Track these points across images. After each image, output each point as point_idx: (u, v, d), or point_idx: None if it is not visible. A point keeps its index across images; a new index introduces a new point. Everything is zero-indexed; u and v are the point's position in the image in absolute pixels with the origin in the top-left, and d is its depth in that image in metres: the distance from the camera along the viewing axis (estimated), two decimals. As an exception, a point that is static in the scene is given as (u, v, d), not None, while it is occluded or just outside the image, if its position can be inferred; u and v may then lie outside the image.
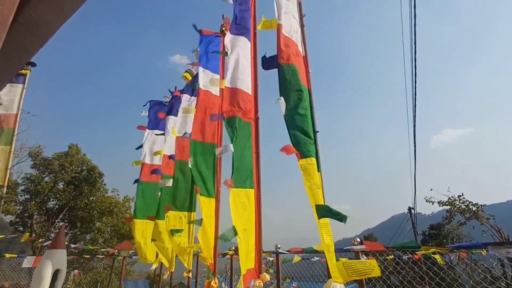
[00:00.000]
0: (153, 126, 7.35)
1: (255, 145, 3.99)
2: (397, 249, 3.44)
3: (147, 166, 6.98)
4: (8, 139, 7.95)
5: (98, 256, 9.76)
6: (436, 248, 2.75)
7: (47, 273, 6.95)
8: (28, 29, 2.73)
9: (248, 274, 3.39)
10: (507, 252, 1.93)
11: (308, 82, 3.30)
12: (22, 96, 8.42)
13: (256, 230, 3.63)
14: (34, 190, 14.66)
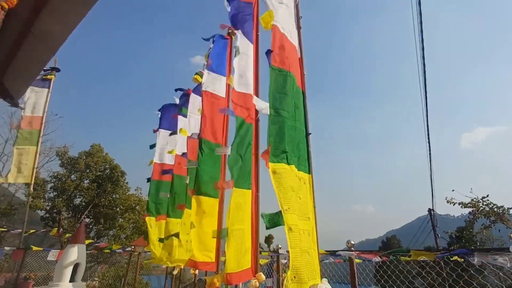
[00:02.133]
0: (165, 126, 7.59)
1: (254, 146, 4.04)
2: (389, 254, 3.37)
3: (158, 166, 7.23)
4: (35, 140, 8.53)
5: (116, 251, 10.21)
6: (424, 254, 2.67)
7: (68, 266, 7.35)
8: (40, 40, 2.93)
9: (245, 274, 3.45)
10: (493, 259, 1.85)
11: (302, 84, 3.30)
12: (47, 99, 8.99)
13: (253, 231, 3.68)
14: (61, 188, 15.57)
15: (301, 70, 3.36)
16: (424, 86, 6.73)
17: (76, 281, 7.12)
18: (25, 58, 4.02)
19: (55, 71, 9.22)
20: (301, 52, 3.45)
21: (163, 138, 7.55)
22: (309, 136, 3.05)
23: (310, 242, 2.62)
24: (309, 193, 2.85)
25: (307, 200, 2.78)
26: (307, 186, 2.84)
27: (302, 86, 3.28)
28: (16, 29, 3.52)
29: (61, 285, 6.74)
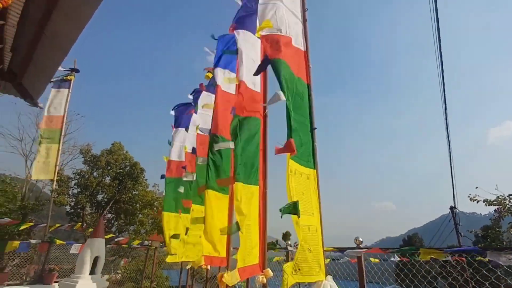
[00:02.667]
0: (179, 124, 7.69)
1: (262, 142, 4.01)
2: (398, 252, 3.25)
3: (171, 162, 7.36)
4: (57, 138, 8.91)
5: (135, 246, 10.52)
6: (434, 252, 2.55)
7: (88, 259, 7.65)
8: (53, 41, 3.05)
9: (252, 270, 3.45)
10: (508, 259, 1.72)
11: (308, 77, 3.23)
12: (67, 99, 9.35)
13: (261, 226, 3.66)
14: (84, 184, 16.24)
15: (306, 63, 3.29)
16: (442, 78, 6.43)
17: (96, 274, 7.41)
18: (41, 59, 4.21)
19: (74, 71, 9.57)
20: (306, 45, 3.38)
21: (177, 135, 7.66)
22: (314, 131, 2.99)
23: (315, 238, 2.57)
24: (314, 188, 2.80)
25: (310, 196, 2.73)
26: (311, 182, 2.79)
27: (307, 79, 3.21)
28: (30, 31, 3.68)
29: (82, 278, 7.03)
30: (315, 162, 2.91)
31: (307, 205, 2.68)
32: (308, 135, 2.94)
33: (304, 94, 3.09)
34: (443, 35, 8.00)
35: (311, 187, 2.81)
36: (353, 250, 2.93)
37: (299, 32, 3.34)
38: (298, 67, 3.18)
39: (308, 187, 2.79)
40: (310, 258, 2.61)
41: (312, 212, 2.69)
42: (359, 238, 2.99)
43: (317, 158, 2.92)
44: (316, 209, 2.75)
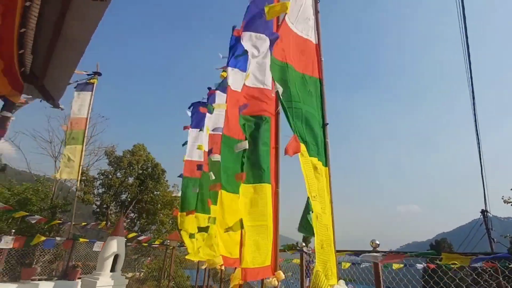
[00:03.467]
0: (195, 125, 7.74)
1: (274, 140, 3.91)
2: (417, 257, 2.99)
3: (188, 162, 7.41)
4: (80, 139, 9.26)
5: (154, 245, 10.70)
6: (458, 257, 2.31)
7: (108, 257, 7.83)
8: (69, 42, 3.11)
9: (263, 271, 3.34)
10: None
11: (320, 72, 3.09)
12: (91, 102, 9.71)
13: (273, 227, 3.55)
14: (107, 184, 16.82)
15: (318, 57, 3.14)
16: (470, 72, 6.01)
17: (116, 271, 7.59)
18: (59, 60, 4.34)
19: (97, 75, 9.92)
20: (318, 38, 3.24)
21: (192, 135, 7.71)
22: (326, 127, 2.84)
23: (331, 238, 2.43)
24: (326, 186, 2.65)
25: (324, 194, 2.59)
26: (323, 179, 2.64)
27: (319, 73, 3.07)
28: (48, 33, 3.79)
29: (102, 275, 7.22)
30: (327, 159, 2.76)
31: (325, 202, 2.55)
32: (320, 131, 2.80)
33: (316, 88, 2.95)
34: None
35: (324, 184, 2.67)
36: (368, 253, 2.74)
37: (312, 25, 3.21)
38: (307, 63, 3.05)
39: (322, 184, 2.66)
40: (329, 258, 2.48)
41: (326, 211, 2.55)
42: (375, 241, 2.80)
43: (329, 155, 2.77)
44: (328, 208, 2.60)
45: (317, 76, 3.06)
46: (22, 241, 7.66)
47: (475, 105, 6.55)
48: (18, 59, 4.17)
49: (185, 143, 7.95)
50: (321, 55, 3.15)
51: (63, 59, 4.15)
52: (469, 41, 7.22)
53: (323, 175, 2.65)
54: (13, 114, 8.53)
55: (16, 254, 9.45)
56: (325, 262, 2.25)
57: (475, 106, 6.64)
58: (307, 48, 3.06)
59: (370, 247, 3.29)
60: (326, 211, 2.51)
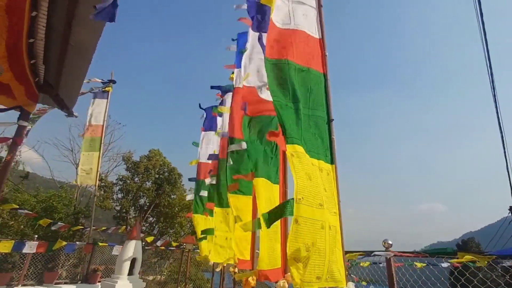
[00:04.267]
0: (207, 127, 7.78)
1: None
2: (431, 255, 2.81)
3: (200, 165, 7.44)
4: (97, 146, 9.53)
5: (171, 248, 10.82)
6: (474, 256, 2.14)
7: (125, 260, 7.96)
8: (78, 51, 3.18)
9: (275, 274, 3.27)
10: None
11: (324, 66, 2.99)
12: (106, 109, 9.99)
13: (282, 228, 3.48)
14: (125, 189, 17.23)
15: (322, 51, 3.05)
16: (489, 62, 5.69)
17: (134, 274, 7.72)
18: (70, 69, 4.47)
19: (112, 83, 10.21)
20: (322, 33, 3.14)
21: (206, 138, 7.75)
22: (331, 123, 2.74)
23: (335, 241, 2.32)
24: (333, 184, 2.55)
25: (333, 193, 2.49)
26: (330, 178, 2.55)
27: (323, 68, 2.98)
28: (57, 43, 3.91)
29: (121, 278, 7.36)
30: (333, 157, 2.66)
31: (331, 202, 2.45)
32: (324, 128, 2.71)
33: (318, 84, 2.86)
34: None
35: (332, 182, 2.57)
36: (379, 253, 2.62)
37: (313, 20, 3.12)
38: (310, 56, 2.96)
39: (330, 183, 2.56)
40: (330, 261, 2.36)
41: (334, 211, 2.45)
42: (388, 240, 2.66)
43: (335, 152, 2.67)
44: (337, 208, 2.50)
45: (321, 71, 2.98)
46: (45, 246, 7.94)
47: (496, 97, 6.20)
48: (30, 69, 4.34)
49: (197, 143, 7.99)
50: (325, 50, 3.06)
51: (74, 67, 4.27)
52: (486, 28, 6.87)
53: (330, 173, 2.55)
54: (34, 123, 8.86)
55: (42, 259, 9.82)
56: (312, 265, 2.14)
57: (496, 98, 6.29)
58: (310, 43, 2.98)
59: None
60: (336, 211, 2.41)
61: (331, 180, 2.57)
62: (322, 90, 2.86)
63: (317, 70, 2.92)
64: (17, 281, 7.55)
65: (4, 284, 7.10)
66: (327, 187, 2.53)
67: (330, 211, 2.42)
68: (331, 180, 2.57)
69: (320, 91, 2.83)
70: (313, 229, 2.04)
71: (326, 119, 2.76)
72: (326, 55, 3.01)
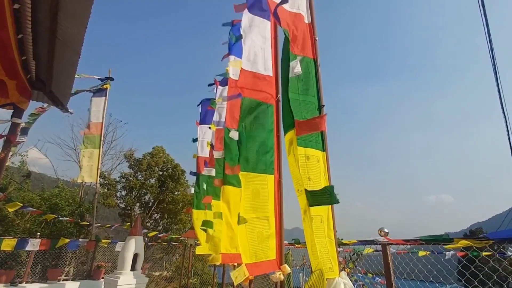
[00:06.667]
0: (202, 120, 7.73)
1: (276, 128, 3.76)
2: (427, 243, 2.72)
3: (200, 159, 7.41)
4: (97, 144, 9.53)
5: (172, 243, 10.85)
6: (472, 242, 2.05)
7: (127, 256, 7.97)
8: (66, 44, 3.10)
9: (267, 265, 3.22)
10: None
11: (314, 51, 2.89)
12: (105, 107, 9.97)
13: (277, 218, 3.42)
14: (128, 187, 17.31)
15: (311, 36, 2.95)
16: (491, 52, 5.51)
17: (136, 270, 7.76)
18: (60, 63, 4.41)
19: (110, 80, 10.17)
20: (312, 17, 3.04)
21: (202, 131, 7.71)
22: (322, 109, 2.65)
23: (325, 229, 2.25)
24: (323, 173, 2.47)
25: (320, 181, 2.41)
26: (320, 165, 2.47)
27: (313, 53, 2.88)
28: (45, 37, 3.86)
29: (124, 273, 7.39)
30: (324, 143, 2.58)
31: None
32: (315, 114, 2.62)
33: (310, 69, 2.77)
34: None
35: (321, 171, 2.49)
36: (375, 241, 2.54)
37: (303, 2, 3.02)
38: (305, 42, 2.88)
39: (318, 171, 2.48)
40: (325, 252, 2.30)
41: None
42: (384, 229, 2.59)
43: (326, 138, 2.59)
44: None
45: (311, 56, 2.88)
46: (48, 244, 7.99)
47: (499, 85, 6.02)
48: (22, 66, 4.30)
49: (195, 139, 7.96)
50: (315, 34, 2.96)
51: (63, 61, 4.21)
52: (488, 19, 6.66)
53: (320, 160, 2.48)
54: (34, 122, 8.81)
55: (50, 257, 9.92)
56: (318, 257, 2.08)
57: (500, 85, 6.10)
58: (301, 26, 2.88)
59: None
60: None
61: (320, 168, 2.49)
62: (313, 75, 2.77)
63: (308, 56, 2.83)
64: (21, 278, 7.63)
65: (9, 281, 7.18)
66: (313, 176, 2.45)
67: None
68: (320, 167, 2.49)
69: (311, 77, 2.74)
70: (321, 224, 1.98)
71: (317, 104, 2.67)
72: (317, 39, 2.92)
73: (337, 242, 2.29)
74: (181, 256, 17.40)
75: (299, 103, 2.49)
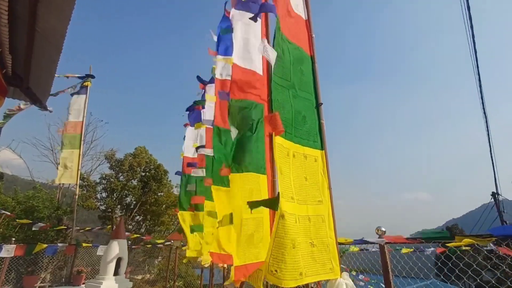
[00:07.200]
0: (191, 121, 7.56)
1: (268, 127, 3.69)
2: (427, 241, 2.78)
3: (186, 159, 7.25)
4: (77, 143, 9.12)
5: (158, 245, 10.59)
6: (472, 239, 2.08)
7: (110, 260, 7.67)
8: (46, 38, 2.87)
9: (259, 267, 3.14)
10: None
11: (311, 48, 2.87)
12: (85, 105, 9.57)
13: (271, 219, 3.36)
14: (109, 188, 16.76)
15: (308, 33, 2.92)
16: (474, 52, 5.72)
17: (119, 275, 7.46)
18: (40, 58, 4.16)
19: (90, 77, 9.77)
20: (308, 13, 3.01)
21: (189, 132, 7.55)
22: (320, 107, 2.62)
23: (326, 229, 2.21)
24: (322, 172, 2.44)
25: (317, 181, 2.37)
26: (318, 164, 2.43)
27: (310, 50, 2.85)
28: (23, 30, 3.62)
29: (106, 279, 7.08)
30: (323, 142, 2.54)
31: (314, 192, 2.32)
32: (312, 112, 2.59)
33: (307, 66, 2.73)
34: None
35: (319, 170, 2.45)
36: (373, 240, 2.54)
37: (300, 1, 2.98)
38: (299, 37, 2.83)
39: (316, 170, 2.43)
40: (308, 255, 2.23)
41: (319, 200, 2.32)
42: (381, 228, 2.59)
43: (325, 137, 2.55)
44: (325, 195, 2.39)
45: (309, 54, 2.84)
46: (24, 250, 7.56)
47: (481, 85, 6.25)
48: (-4, 60, 4.01)
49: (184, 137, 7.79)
50: (311, 31, 2.93)
51: (43, 56, 3.97)
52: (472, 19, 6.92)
53: (319, 159, 2.44)
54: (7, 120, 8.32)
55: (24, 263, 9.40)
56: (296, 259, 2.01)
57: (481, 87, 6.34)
58: (299, 24, 2.84)
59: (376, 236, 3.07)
60: (323, 200, 2.29)
61: (318, 167, 2.45)
62: (310, 73, 2.73)
63: (306, 52, 2.79)
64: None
65: (-20, 290, 6.74)
66: (309, 176, 2.40)
67: (313, 201, 2.29)
68: (318, 167, 2.45)
69: (308, 74, 2.70)
70: (293, 224, 1.93)
71: (315, 103, 2.63)
72: (313, 36, 2.89)
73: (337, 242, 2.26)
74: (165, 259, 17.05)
75: (298, 99, 2.43)
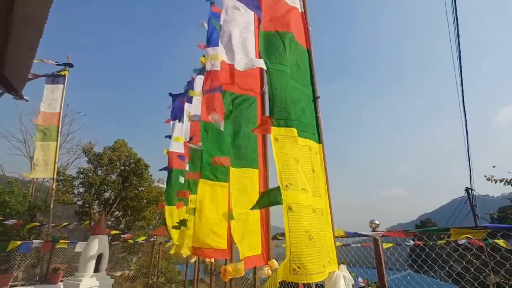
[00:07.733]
0: (174, 116, 7.38)
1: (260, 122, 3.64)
2: (422, 234, 2.88)
3: (172, 154, 7.08)
4: (54, 136, 8.64)
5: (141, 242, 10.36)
6: (469, 232, 2.16)
7: (91, 257, 7.40)
8: (25, 22, 2.65)
9: (253, 260, 3.12)
10: None
11: (307, 41, 2.84)
12: (63, 95, 9.07)
13: (263, 214, 3.33)
14: (87, 183, 16.15)
15: (304, 25, 2.89)
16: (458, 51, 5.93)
17: (100, 271, 7.21)
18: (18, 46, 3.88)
19: (68, 66, 9.27)
20: (304, 5, 2.98)
21: (175, 127, 7.37)
22: (317, 100, 2.60)
23: (324, 224, 2.21)
24: (321, 165, 2.44)
25: (320, 174, 2.37)
26: (318, 157, 2.43)
27: (306, 43, 2.82)
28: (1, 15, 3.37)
29: (86, 276, 6.83)
30: (320, 136, 2.54)
31: (317, 184, 2.31)
32: (310, 105, 2.57)
33: (303, 60, 2.70)
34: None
35: (319, 162, 2.44)
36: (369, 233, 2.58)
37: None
38: (296, 30, 2.79)
39: (319, 163, 2.43)
40: (318, 248, 2.23)
41: (319, 193, 2.32)
42: (375, 221, 2.63)
43: (322, 131, 2.55)
44: (324, 189, 2.39)
45: (305, 47, 2.81)
46: (-5, 247, 7.14)
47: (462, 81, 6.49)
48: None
49: (169, 136, 7.59)
50: (308, 24, 2.89)
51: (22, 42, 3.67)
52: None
53: (318, 152, 2.43)
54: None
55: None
56: (311, 254, 1.99)
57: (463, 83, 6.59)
58: (295, 17, 2.79)
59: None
60: (322, 193, 2.29)
61: (318, 160, 2.44)
62: (306, 66, 2.71)
63: (302, 45, 2.76)
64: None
65: None
66: (315, 168, 2.40)
67: (315, 194, 2.29)
68: (319, 159, 2.44)
69: (305, 67, 2.68)
70: (307, 215, 1.90)
71: (312, 96, 2.62)
72: (309, 29, 2.85)
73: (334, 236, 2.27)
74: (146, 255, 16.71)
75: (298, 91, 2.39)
